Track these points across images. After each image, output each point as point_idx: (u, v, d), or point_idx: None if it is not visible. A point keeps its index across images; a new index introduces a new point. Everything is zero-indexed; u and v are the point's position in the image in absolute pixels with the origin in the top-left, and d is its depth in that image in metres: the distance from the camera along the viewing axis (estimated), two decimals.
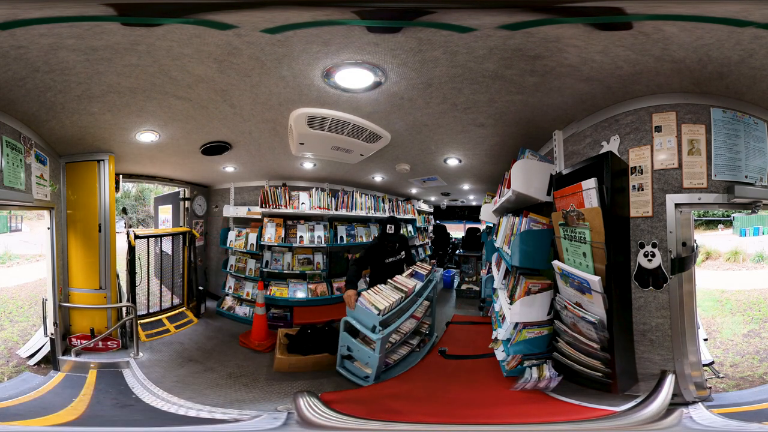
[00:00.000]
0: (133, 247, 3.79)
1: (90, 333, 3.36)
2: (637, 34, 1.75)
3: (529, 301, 2.64)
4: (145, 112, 2.66)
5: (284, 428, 2.20)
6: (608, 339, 2.20)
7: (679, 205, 2.24)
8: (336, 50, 1.91)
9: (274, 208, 4.58)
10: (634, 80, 2.14)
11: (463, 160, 3.87)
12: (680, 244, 2.26)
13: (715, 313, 5.44)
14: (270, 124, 2.91)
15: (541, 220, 2.80)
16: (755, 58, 1.83)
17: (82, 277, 3.43)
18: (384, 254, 3.79)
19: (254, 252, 4.72)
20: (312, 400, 2.38)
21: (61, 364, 3.14)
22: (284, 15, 1.69)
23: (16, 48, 1.82)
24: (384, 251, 3.79)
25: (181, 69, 2.09)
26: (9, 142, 2.52)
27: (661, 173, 2.27)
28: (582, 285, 2.24)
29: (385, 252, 3.79)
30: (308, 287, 4.61)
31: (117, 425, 2.37)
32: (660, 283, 2.28)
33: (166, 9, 1.67)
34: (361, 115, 2.71)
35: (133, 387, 2.84)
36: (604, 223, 2.11)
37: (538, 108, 2.52)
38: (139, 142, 3.18)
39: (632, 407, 2.14)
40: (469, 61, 1.98)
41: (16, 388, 2.78)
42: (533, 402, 2.45)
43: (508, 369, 2.78)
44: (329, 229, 4.87)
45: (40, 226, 11.20)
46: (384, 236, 3.74)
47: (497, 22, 1.71)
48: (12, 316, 5.38)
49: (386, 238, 3.73)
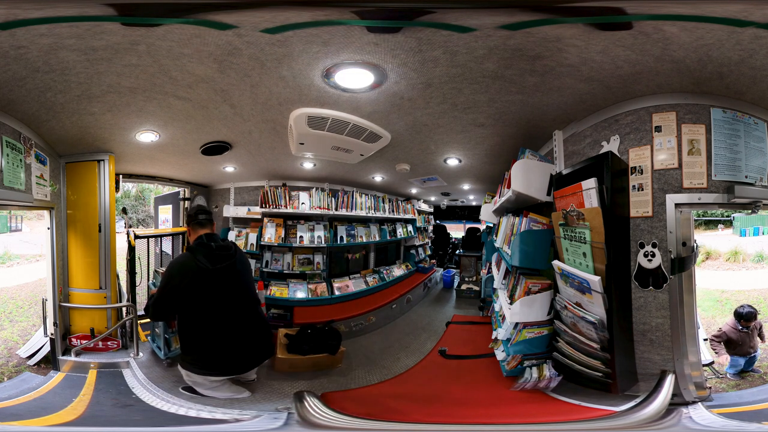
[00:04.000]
0: (133, 247, 3.78)
1: (90, 333, 3.35)
2: (637, 34, 1.75)
3: (529, 301, 2.64)
4: (145, 112, 2.66)
5: (284, 428, 2.19)
6: (608, 339, 2.20)
7: (679, 205, 2.24)
8: (336, 50, 1.91)
9: (274, 208, 4.58)
10: (634, 80, 2.14)
11: (463, 160, 3.87)
12: (680, 244, 2.26)
13: (715, 313, 5.44)
14: (270, 124, 2.91)
15: (541, 220, 2.80)
16: (755, 58, 1.83)
17: (82, 277, 3.43)
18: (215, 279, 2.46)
19: (254, 252, 4.71)
20: (312, 400, 2.38)
21: (61, 364, 3.14)
22: (284, 15, 1.69)
23: (16, 48, 1.82)
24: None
25: (181, 69, 2.09)
26: (9, 142, 2.52)
27: (661, 173, 2.27)
28: (582, 285, 2.24)
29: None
30: (308, 287, 4.61)
31: (117, 425, 2.37)
32: (660, 283, 2.28)
33: (166, 9, 1.67)
34: (361, 115, 2.71)
35: (133, 387, 2.84)
36: (604, 223, 2.11)
37: (538, 108, 2.52)
38: (139, 142, 3.18)
39: (632, 407, 2.14)
40: (469, 61, 1.98)
41: (16, 388, 2.78)
42: (533, 402, 2.45)
43: (508, 369, 2.78)
44: (329, 229, 4.87)
45: (40, 226, 11.19)
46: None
47: (497, 22, 1.71)
48: (12, 316, 5.39)
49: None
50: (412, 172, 4.40)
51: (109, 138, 3.13)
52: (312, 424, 2.20)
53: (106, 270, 3.47)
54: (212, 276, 2.45)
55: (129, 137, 3.09)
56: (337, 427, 2.17)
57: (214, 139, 3.29)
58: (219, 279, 2.48)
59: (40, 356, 3.34)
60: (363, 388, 2.94)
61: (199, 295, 2.44)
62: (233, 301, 2.56)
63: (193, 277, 2.43)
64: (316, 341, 3.45)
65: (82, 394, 2.68)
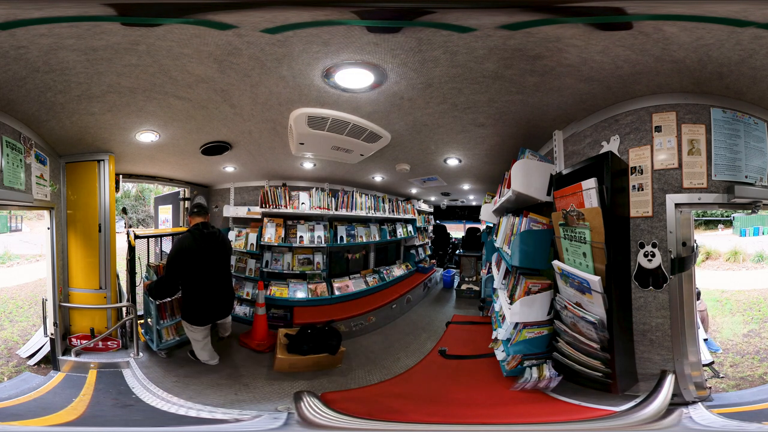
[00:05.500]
0: (133, 247, 3.78)
1: (90, 333, 3.36)
2: (637, 34, 1.75)
3: (529, 301, 2.64)
4: (145, 112, 2.66)
5: (284, 428, 2.20)
6: (608, 339, 2.20)
7: (679, 205, 2.24)
8: (336, 50, 1.91)
9: (274, 208, 4.58)
10: (634, 80, 2.14)
11: (463, 160, 3.87)
12: (680, 244, 2.26)
13: (715, 313, 5.44)
14: (270, 124, 2.91)
15: (541, 220, 2.80)
16: (755, 58, 1.83)
17: (82, 277, 3.43)
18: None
19: (254, 252, 4.72)
20: (312, 400, 2.38)
21: (61, 364, 3.14)
22: (284, 15, 1.69)
23: (16, 48, 1.82)
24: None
25: (181, 69, 2.09)
26: (9, 142, 2.52)
27: (661, 173, 2.27)
28: (582, 285, 2.24)
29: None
30: (308, 287, 4.61)
31: (117, 425, 2.37)
32: (660, 283, 2.28)
33: (166, 9, 1.67)
34: (361, 115, 2.71)
35: (133, 387, 2.84)
36: (604, 223, 2.11)
37: (538, 108, 2.52)
38: (139, 142, 3.18)
39: (632, 407, 2.14)
40: (469, 61, 1.98)
41: (16, 388, 2.78)
42: (533, 402, 2.45)
43: (508, 369, 2.78)
44: (329, 229, 4.87)
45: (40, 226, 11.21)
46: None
47: (497, 22, 1.71)
48: (12, 316, 5.39)
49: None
50: (412, 172, 4.40)
51: (109, 138, 3.13)
52: (312, 424, 2.20)
53: (106, 270, 3.47)
54: (199, 253, 3.27)
55: (129, 137, 3.09)
56: (337, 427, 2.17)
57: (214, 139, 3.29)
58: (203, 255, 3.29)
59: (40, 356, 3.34)
60: (363, 388, 2.94)
61: (190, 266, 3.24)
62: (211, 272, 3.35)
63: (189, 253, 3.24)
64: (316, 341, 3.45)
65: (82, 394, 2.68)
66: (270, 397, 2.80)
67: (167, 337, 3.59)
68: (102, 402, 2.61)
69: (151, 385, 2.85)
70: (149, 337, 3.55)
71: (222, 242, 3.51)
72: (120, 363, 3.18)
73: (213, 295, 3.37)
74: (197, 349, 3.36)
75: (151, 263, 3.93)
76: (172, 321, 3.63)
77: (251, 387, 2.98)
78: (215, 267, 3.40)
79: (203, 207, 3.53)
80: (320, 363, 3.32)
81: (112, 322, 3.45)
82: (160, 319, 3.53)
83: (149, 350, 3.44)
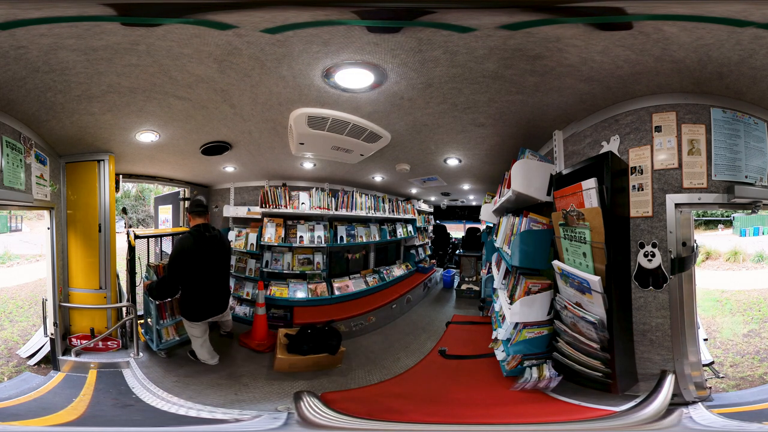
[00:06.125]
0: (133, 247, 3.78)
1: (90, 333, 3.36)
2: (637, 34, 1.75)
3: (529, 301, 2.64)
4: (145, 112, 2.66)
5: (284, 428, 2.20)
6: (608, 339, 2.20)
7: (679, 205, 2.24)
8: (336, 50, 1.91)
9: (274, 208, 4.58)
10: (634, 80, 2.14)
11: (463, 160, 3.87)
12: (680, 244, 2.26)
13: (715, 313, 5.44)
14: (270, 124, 2.91)
15: (541, 220, 2.80)
16: (755, 58, 1.83)
17: (82, 277, 3.43)
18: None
19: (254, 252, 4.71)
20: (312, 400, 2.38)
21: (61, 364, 3.14)
22: (284, 15, 1.69)
23: (16, 48, 1.82)
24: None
25: (181, 69, 2.09)
26: (9, 142, 2.52)
27: (661, 173, 2.27)
28: (582, 285, 2.24)
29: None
30: (308, 287, 4.61)
31: (117, 425, 2.37)
32: (660, 283, 2.28)
33: (166, 9, 1.67)
34: (361, 115, 2.71)
35: (133, 387, 2.84)
36: (604, 223, 2.11)
37: (538, 108, 2.52)
38: (139, 142, 3.18)
39: (632, 407, 2.14)
40: (469, 61, 1.98)
41: (16, 388, 2.78)
42: (533, 402, 2.45)
43: (508, 369, 2.78)
44: (329, 229, 4.87)
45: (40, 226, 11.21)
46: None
47: (497, 22, 1.71)
48: (12, 316, 5.39)
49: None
50: (412, 172, 4.40)
51: (109, 138, 3.13)
52: (312, 424, 2.20)
53: (106, 270, 3.47)
54: (200, 255, 3.29)
55: (129, 137, 3.09)
56: (337, 427, 2.17)
57: (214, 139, 3.29)
58: (204, 257, 3.32)
59: (40, 356, 3.34)
60: (363, 388, 2.94)
61: (190, 267, 3.26)
62: (210, 272, 3.39)
63: (189, 254, 3.26)
64: (316, 341, 3.45)
65: (82, 394, 2.68)
66: (270, 397, 2.80)
67: (167, 337, 3.60)
68: (102, 402, 2.61)
69: (151, 385, 2.85)
70: (149, 337, 3.55)
71: (222, 245, 3.54)
72: (120, 363, 3.18)
73: (210, 293, 3.41)
74: (196, 346, 3.38)
75: (151, 263, 3.93)
76: (172, 321, 3.63)
77: (251, 387, 2.98)
78: (215, 268, 3.44)
79: (204, 206, 3.52)
80: (320, 363, 3.32)
81: (112, 322, 3.45)
82: (160, 319, 3.54)
83: (149, 350, 3.44)
